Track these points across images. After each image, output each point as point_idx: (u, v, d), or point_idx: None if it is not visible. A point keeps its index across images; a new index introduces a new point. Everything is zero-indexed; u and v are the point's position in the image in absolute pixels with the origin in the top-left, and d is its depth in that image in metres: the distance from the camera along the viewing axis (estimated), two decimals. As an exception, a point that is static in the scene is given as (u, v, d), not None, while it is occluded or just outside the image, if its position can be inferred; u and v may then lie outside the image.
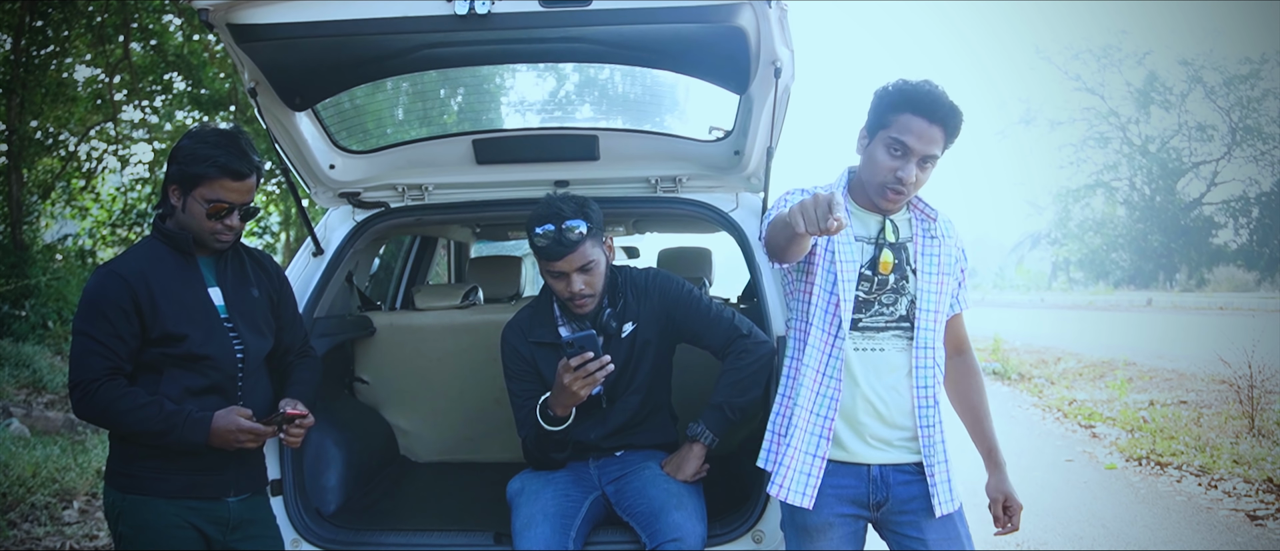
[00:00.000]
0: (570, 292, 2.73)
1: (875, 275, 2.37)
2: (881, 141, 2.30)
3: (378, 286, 5.54)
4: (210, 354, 2.39)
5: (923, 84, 2.29)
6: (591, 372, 2.53)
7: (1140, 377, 10.90)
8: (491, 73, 3.67)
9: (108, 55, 11.62)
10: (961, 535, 2.41)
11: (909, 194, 2.33)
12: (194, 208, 2.37)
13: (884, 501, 2.40)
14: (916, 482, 2.39)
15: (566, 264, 2.70)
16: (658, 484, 2.75)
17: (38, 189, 12.17)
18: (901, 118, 2.27)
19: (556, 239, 2.68)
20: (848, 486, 2.39)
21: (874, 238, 2.39)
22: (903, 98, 2.27)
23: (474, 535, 2.92)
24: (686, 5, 2.38)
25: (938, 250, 2.41)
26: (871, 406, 2.37)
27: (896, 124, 2.27)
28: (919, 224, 2.43)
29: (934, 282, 2.40)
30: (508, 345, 2.91)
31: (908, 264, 2.39)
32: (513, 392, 2.90)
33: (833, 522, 2.40)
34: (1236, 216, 42.61)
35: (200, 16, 2.39)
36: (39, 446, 5.90)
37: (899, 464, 2.39)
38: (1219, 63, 41.29)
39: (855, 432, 2.39)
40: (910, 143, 2.25)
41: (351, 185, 3.29)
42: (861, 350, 2.38)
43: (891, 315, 2.38)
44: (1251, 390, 7.69)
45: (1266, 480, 6.03)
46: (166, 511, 2.38)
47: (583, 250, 2.70)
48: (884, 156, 2.29)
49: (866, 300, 2.38)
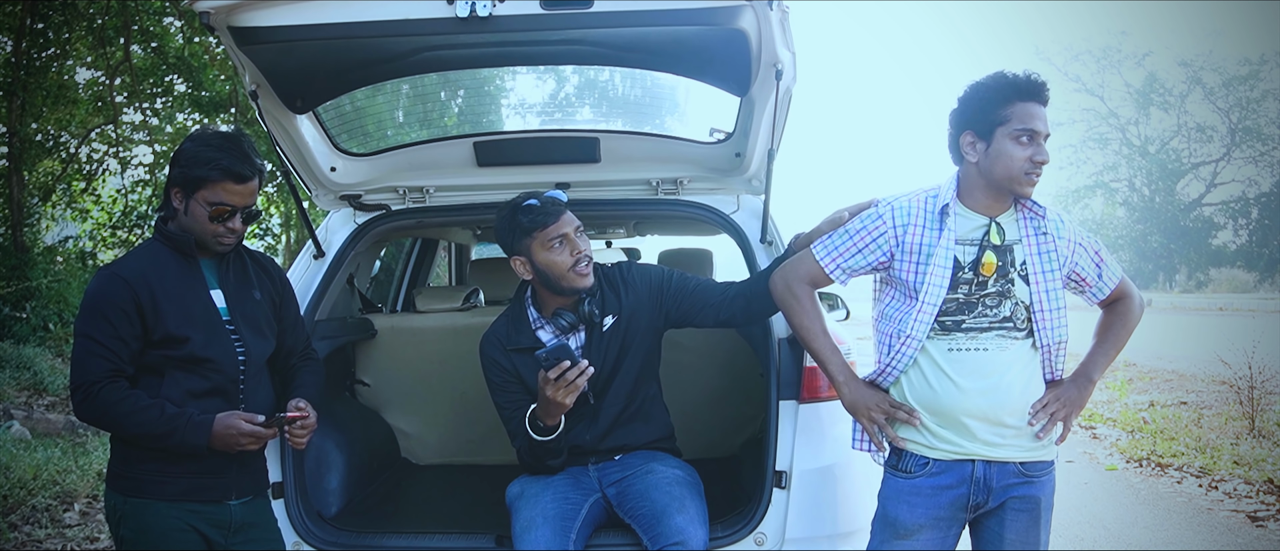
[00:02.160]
0: (578, 254, 2.71)
1: (976, 276, 2.39)
2: (1005, 135, 2.34)
3: (379, 289, 5.55)
4: (212, 356, 2.39)
5: (1016, 74, 2.36)
6: (572, 381, 2.51)
7: (1140, 378, 10.90)
8: (493, 75, 3.67)
9: (108, 57, 11.61)
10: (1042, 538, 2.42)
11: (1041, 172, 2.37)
12: (196, 210, 2.36)
13: (984, 502, 2.41)
14: (1022, 484, 2.41)
15: (564, 223, 2.71)
16: (660, 487, 2.75)
17: (38, 191, 12.16)
18: (1016, 108, 2.33)
19: (549, 200, 2.71)
20: (948, 485, 2.40)
21: (980, 239, 2.41)
22: (1012, 90, 2.35)
23: (475, 537, 2.92)
24: (687, 7, 2.38)
25: (1052, 248, 2.42)
26: (975, 404, 2.37)
27: (1016, 115, 2.33)
28: (1029, 223, 2.43)
29: (1048, 281, 2.40)
30: (486, 358, 2.87)
31: (1012, 266, 2.40)
32: (499, 406, 2.87)
33: (926, 524, 2.42)
34: (1236, 217, 42.61)
35: (201, 19, 2.39)
36: (40, 449, 5.89)
37: (1005, 461, 2.40)
38: (1218, 64, 41.32)
39: (957, 433, 2.39)
40: (1037, 127, 2.34)
41: (352, 187, 3.29)
42: (962, 350, 2.38)
43: (995, 316, 2.39)
44: (1252, 391, 7.69)
45: (1267, 481, 6.02)
46: (168, 514, 2.37)
47: (571, 214, 2.74)
48: (1014, 148, 2.34)
49: (968, 302, 2.39)
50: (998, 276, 2.39)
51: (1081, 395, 2.49)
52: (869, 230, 2.47)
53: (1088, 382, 2.51)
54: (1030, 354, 2.42)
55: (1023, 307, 2.39)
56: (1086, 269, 2.50)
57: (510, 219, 2.75)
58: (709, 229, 4.27)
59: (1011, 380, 2.38)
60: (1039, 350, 2.42)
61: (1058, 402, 2.44)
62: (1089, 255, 2.50)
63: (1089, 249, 2.50)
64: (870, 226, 2.47)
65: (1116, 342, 2.58)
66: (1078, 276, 2.51)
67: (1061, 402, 2.44)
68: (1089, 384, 2.51)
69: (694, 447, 3.17)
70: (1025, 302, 2.39)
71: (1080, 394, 2.49)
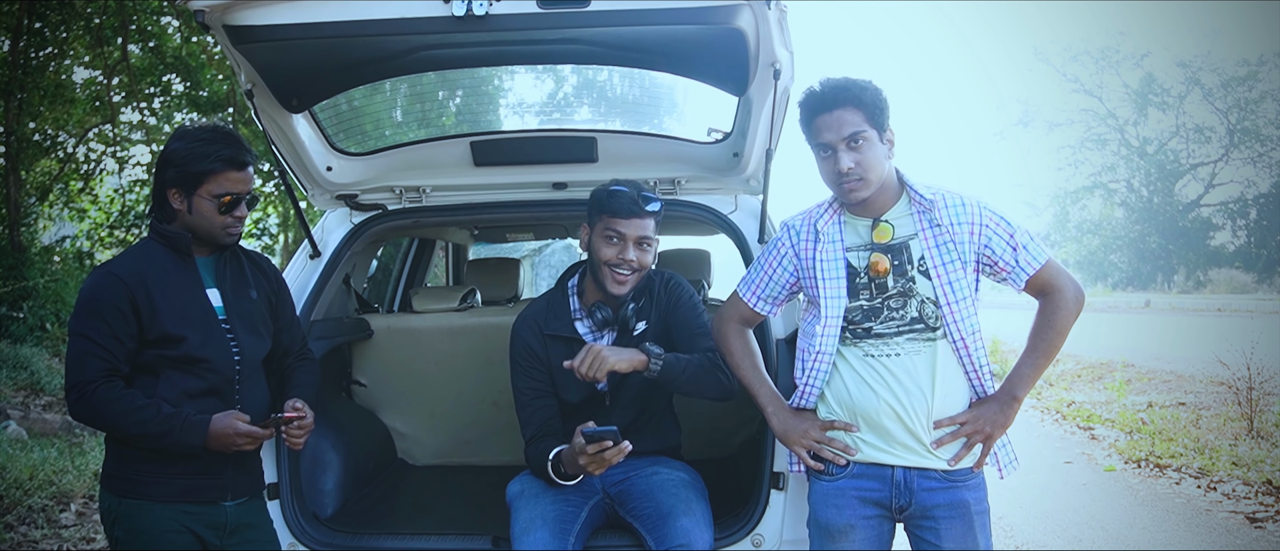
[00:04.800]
0: (621, 259, 2.70)
1: (872, 279, 2.38)
2: (814, 152, 2.39)
3: (375, 289, 5.54)
4: (208, 356, 2.38)
5: (819, 84, 2.36)
6: (608, 459, 2.50)
7: (1139, 379, 10.89)
8: (490, 74, 3.66)
9: (106, 57, 11.60)
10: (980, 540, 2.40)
11: (861, 176, 2.32)
12: (203, 206, 2.36)
13: (907, 505, 2.40)
14: (946, 489, 2.38)
15: (633, 227, 2.70)
16: (665, 488, 2.75)
17: (36, 191, 12.16)
18: (810, 125, 2.36)
19: (634, 198, 2.70)
20: (871, 489, 2.41)
21: (867, 242, 2.40)
22: (805, 110, 2.37)
23: (472, 539, 2.91)
24: (685, 7, 2.37)
25: (949, 237, 2.36)
26: (892, 411, 2.36)
27: (811, 132, 2.37)
28: (922, 217, 2.39)
29: (950, 272, 2.35)
30: (519, 339, 2.86)
31: (910, 263, 2.37)
32: (518, 389, 2.84)
33: (856, 524, 2.42)
34: (1234, 218, 42.63)
35: (196, 17, 2.38)
36: (36, 449, 5.88)
37: (924, 469, 2.39)
38: (1217, 64, 41.34)
39: (878, 436, 2.39)
40: (827, 138, 2.33)
41: (349, 187, 3.28)
42: (875, 356, 2.38)
43: (903, 319, 2.37)
44: (1250, 392, 7.68)
45: (1265, 482, 6.02)
46: (163, 515, 2.37)
47: (651, 223, 2.73)
48: (820, 163, 2.38)
49: (872, 307, 2.38)
50: (896, 275, 2.37)
51: (1004, 414, 2.39)
52: (773, 254, 2.54)
53: (1011, 401, 2.40)
54: (949, 355, 2.38)
55: (931, 303, 2.36)
56: (1000, 251, 2.38)
57: (602, 190, 2.76)
58: (707, 229, 4.26)
59: (923, 385, 2.36)
60: (955, 348, 2.37)
61: (975, 424, 2.37)
62: (1001, 237, 2.38)
63: (1001, 231, 2.38)
64: (773, 250, 2.54)
65: (1047, 349, 2.42)
66: (990, 260, 2.39)
67: (979, 424, 2.37)
68: (1013, 402, 2.40)
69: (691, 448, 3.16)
70: (931, 298, 2.36)
71: (1002, 413, 2.38)
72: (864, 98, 2.32)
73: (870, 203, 2.39)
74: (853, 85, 2.32)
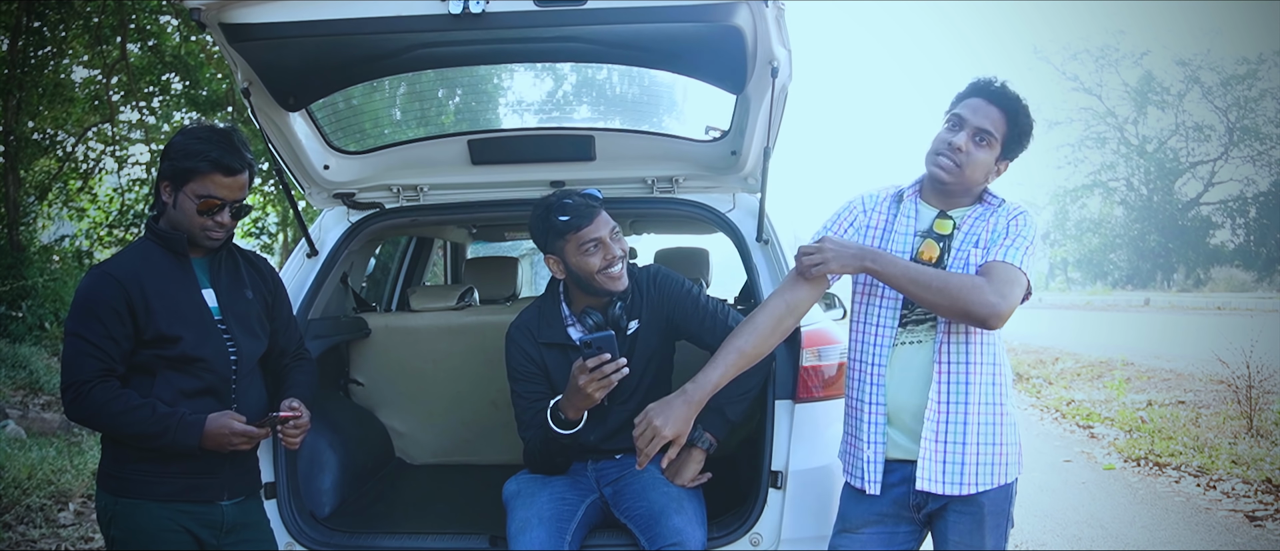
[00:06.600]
0: (610, 258, 2.69)
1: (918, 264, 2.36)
2: (945, 118, 2.41)
3: (373, 288, 5.53)
4: (204, 356, 2.37)
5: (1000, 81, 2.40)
6: (608, 375, 2.48)
7: (1138, 378, 10.89)
8: (487, 73, 3.66)
9: (105, 56, 11.59)
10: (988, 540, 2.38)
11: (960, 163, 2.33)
12: (185, 203, 2.35)
13: (923, 502, 2.39)
14: None
15: (600, 225, 2.69)
16: (658, 487, 2.73)
17: (35, 190, 12.14)
18: (964, 99, 2.39)
19: (582, 201, 2.69)
20: (891, 483, 2.40)
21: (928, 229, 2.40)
22: (973, 86, 2.41)
23: (469, 538, 2.91)
24: (683, 4, 2.37)
25: (979, 230, 2.37)
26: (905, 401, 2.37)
27: (958, 102, 2.40)
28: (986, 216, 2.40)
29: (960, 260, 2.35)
30: (514, 345, 2.85)
31: (947, 254, 2.37)
32: (517, 394, 2.84)
33: (871, 520, 2.43)
34: (1234, 216, 42.71)
35: (193, 16, 2.37)
36: (35, 448, 5.88)
37: None
38: (1216, 63, 41.42)
39: (899, 429, 2.39)
40: (965, 115, 2.35)
41: (346, 186, 3.28)
42: (903, 344, 2.39)
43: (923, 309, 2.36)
44: (1249, 390, 7.68)
45: (1265, 480, 6.02)
46: (159, 515, 2.36)
47: (605, 211, 2.72)
48: (941, 130, 2.40)
49: None
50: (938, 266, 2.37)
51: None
52: (845, 212, 2.54)
53: (692, 399, 2.40)
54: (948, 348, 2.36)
55: None
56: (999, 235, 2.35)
57: (545, 219, 2.72)
58: (705, 227, 4.26)
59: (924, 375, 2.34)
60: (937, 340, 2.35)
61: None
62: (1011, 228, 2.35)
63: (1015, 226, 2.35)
64: (845, 209, 2.54)
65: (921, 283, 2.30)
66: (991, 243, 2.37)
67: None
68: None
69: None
70: None
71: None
72: (1019, 120, 2.36)
73: (946, 193, 2.41)
74: (1021, 108, 2.37)
